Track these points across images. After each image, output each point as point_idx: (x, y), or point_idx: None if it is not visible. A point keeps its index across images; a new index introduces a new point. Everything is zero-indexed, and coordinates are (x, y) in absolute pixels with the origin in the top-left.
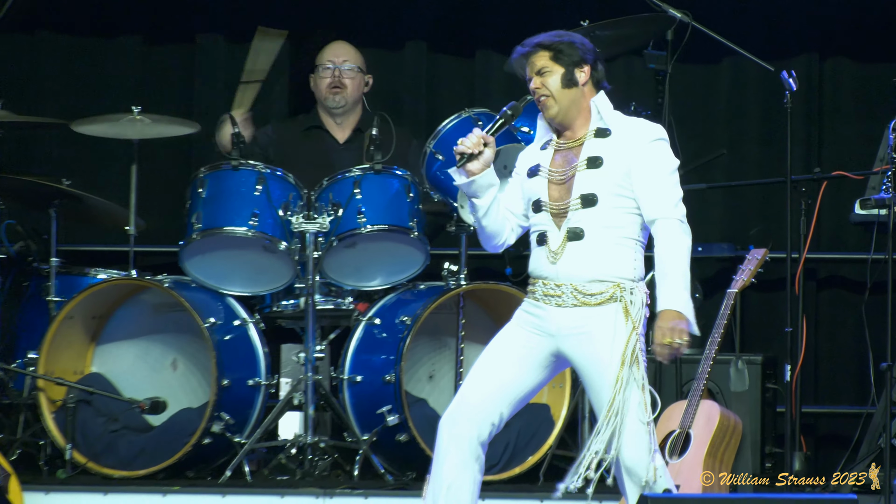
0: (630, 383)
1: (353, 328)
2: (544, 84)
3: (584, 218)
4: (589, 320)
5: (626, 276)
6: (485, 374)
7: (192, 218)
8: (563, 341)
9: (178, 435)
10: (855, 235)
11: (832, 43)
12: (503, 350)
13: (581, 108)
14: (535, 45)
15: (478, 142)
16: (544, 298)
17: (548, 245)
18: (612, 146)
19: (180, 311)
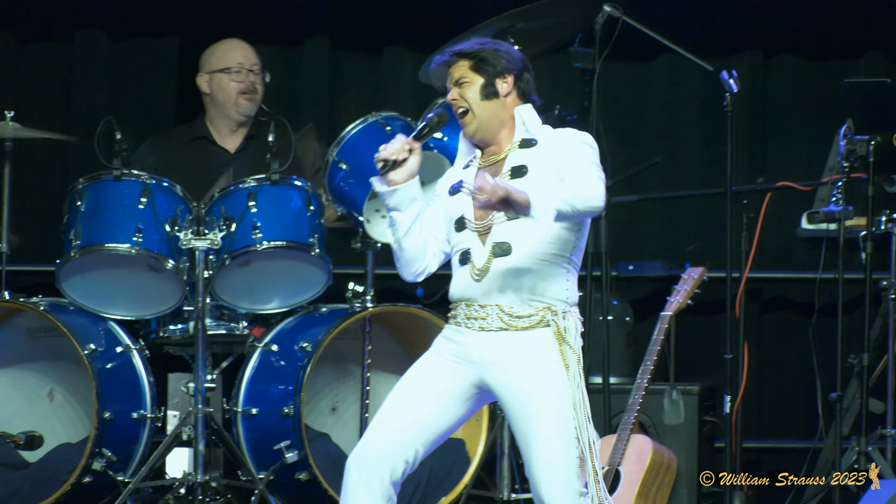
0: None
1: (248, 355)
2: (462, 95)
3: (510, 231)
4: (516, 347)
5: (559, 298)
6: (399, 407)
7: (69, 234)
8: (487, 371)
9: (56, 473)
10: (802, 252)
11: (777, 39)
12: (420, 381)
13: (503, 121)
14: (454, 53)
15: (402, 147)
16: (467, 322)
17: (472, 262)
18: (538, 155)
19: (57, 337)
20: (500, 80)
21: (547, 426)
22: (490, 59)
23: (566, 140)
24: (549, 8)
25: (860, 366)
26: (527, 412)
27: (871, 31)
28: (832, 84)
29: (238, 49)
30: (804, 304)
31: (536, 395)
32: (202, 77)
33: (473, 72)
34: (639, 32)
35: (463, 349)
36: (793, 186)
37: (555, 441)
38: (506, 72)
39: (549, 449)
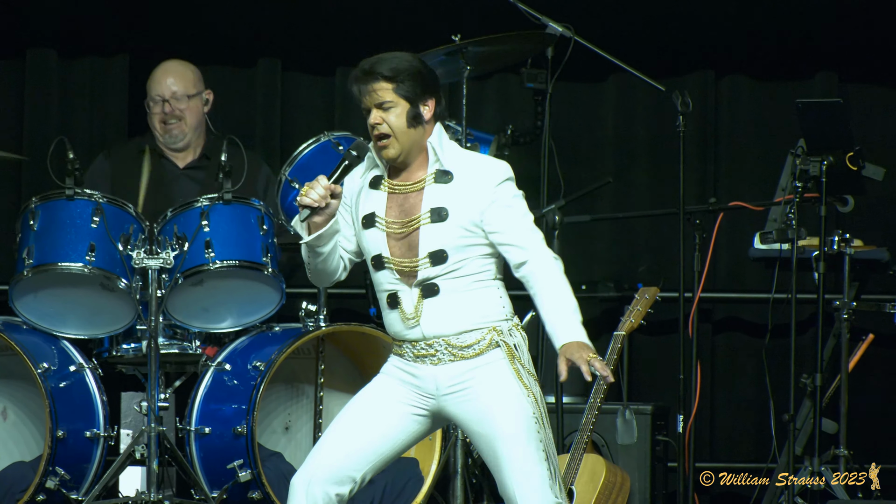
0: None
1: (201, 375)
2: (385, 120)
3: (435, 273)
4: (471, 374)
5: (499, 318)
6: (350, 428)
7: (22, 253)
8: (445, 401)
9: (10, 491)
10: (754, 272)
11: (729, 60)
12: (373, 403)
13: (421, 148)
14: (377, 72)
15: (325, 194)
16: (416, 360)
17: (401, 308)
18: (456, 193)
19: (10, 356)
20: (422, 104)
21: (515, 445)
22: (414, 81)
23: (486, 180)
24: (504, 38)
25: (813, 386)
26: (493, 434)
27: (822, 51)
28: (784, 104)
29: (160, 78)
30: (757, 325)
31: (499, 417)
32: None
33: (397, 95)
34: (591, 53)
35: (418, 381)
36: (745, 206)
37: (525, 458)
38: (428, 95)
39: (522, 467)
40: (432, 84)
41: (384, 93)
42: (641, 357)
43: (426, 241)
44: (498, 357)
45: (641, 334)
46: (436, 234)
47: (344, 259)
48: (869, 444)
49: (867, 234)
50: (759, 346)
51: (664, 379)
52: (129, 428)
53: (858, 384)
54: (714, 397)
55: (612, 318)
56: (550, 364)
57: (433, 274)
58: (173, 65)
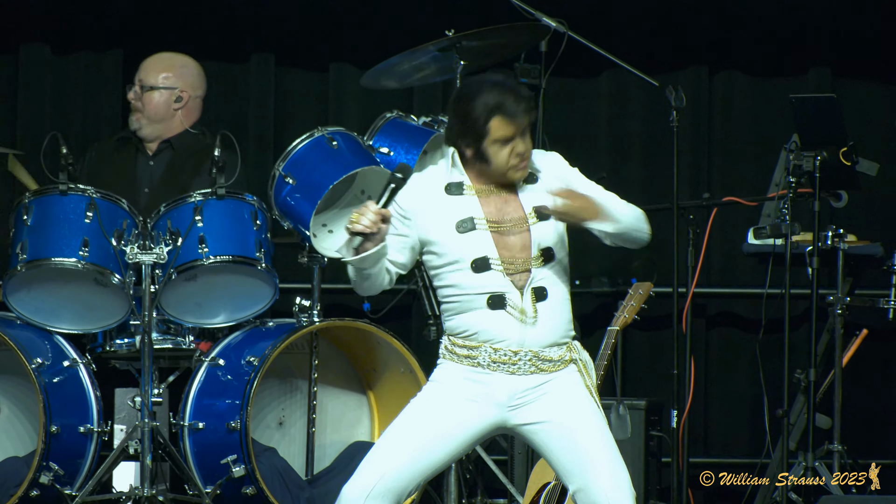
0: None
1: (195, 370)
2: (527, 147)
3: (545, 274)
4: (548, 386)
5: (573, 334)
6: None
7: (16, 248)
8: (515, 412)
9: (3, 486)
10: (748, 268)
11: (723, 55)
12: (431, 418)
13: None
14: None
15: (376, 219)
16: (492, 365)
17: (515, 307)
18: (544, 192)
19: (4, 351)
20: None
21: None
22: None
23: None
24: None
25: (806, 381)
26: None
27: (816, 47)
28: (778, 100)
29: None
30: (750, 320)
31: (584, 419)
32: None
33: (530, 122)
34: (584, 48)
35: (487, 389)
36: (739, 202)
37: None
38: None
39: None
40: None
41: (527, 119)
42: (635, 352)
43: (538, 239)
44: (573, 371)
45: (635, 329)
46: (544, 232)
47: (391, 272)
48: (863, 440)
49: (861, 229)
50: (752, 342)
51: (658, 374)
52: (122, 423)
53: (852, 379)
54: (708, 392)
55: (605, 314)
56: None
57: (544, 274)
58: (159, 55)
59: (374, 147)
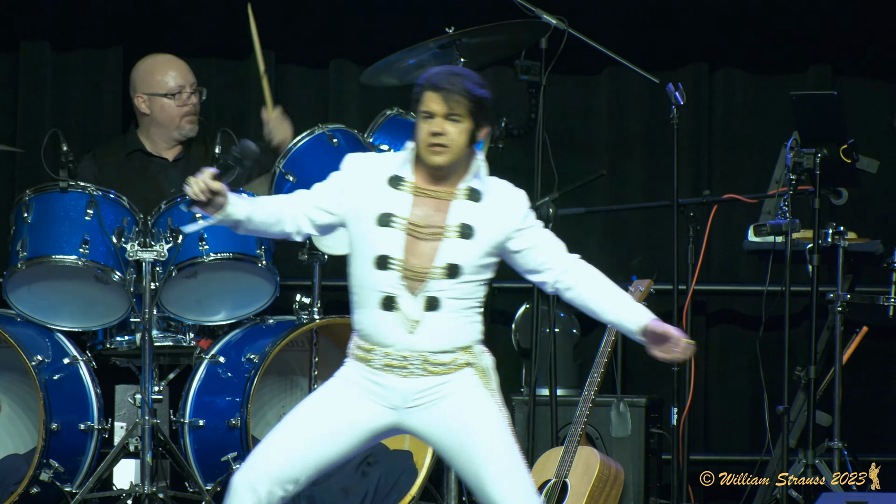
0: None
1: (195, 367)
2: (448, 133)
3: (443, 287)
4: (441, 389)
5: (474, 340)
6: (298, 431)
7: (16, 245)
8: (409, 414)
9: (3, 483)
10: (748, 265)
11: (723, 52)
12: (324, 410)
13: (462, 164)
14: (462, 88)
15: (204, 188)
16: (385, 368)
17: (401, 312)
18: (484, 215)
19: (4, 348)
20: (480, 130)
21: (497, 453)
22: (485, 107)
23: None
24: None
25: (807, 378)
26: (472, 444)
27: (816, 44)
28: (778, 97)
29: (177, 70)
30: (750, 317)
31: (477, 427)
32: (140, 98)
33: (468, 113)
34: (584, 45)
35: (382, 391)
36: (739, 199)
37: (509, 465)
38: (486, 123)
39: (507, 474)
40: (491, 114)
41: (460, 106)
42: (635, 350)
43: (446, 254)
44: (469, 374)
45: None
46: (457, 249)
47: (299, 221)
48: (862, 437)
49: (861, 226)
50: (752, 339)
51: (658, 372)
52: (123, 420)
53: (852, 377)
54: (708, 390)
55: None
56: (543, 358)
57: (442, 287)
58: (176, 60)
59: (375, 144)
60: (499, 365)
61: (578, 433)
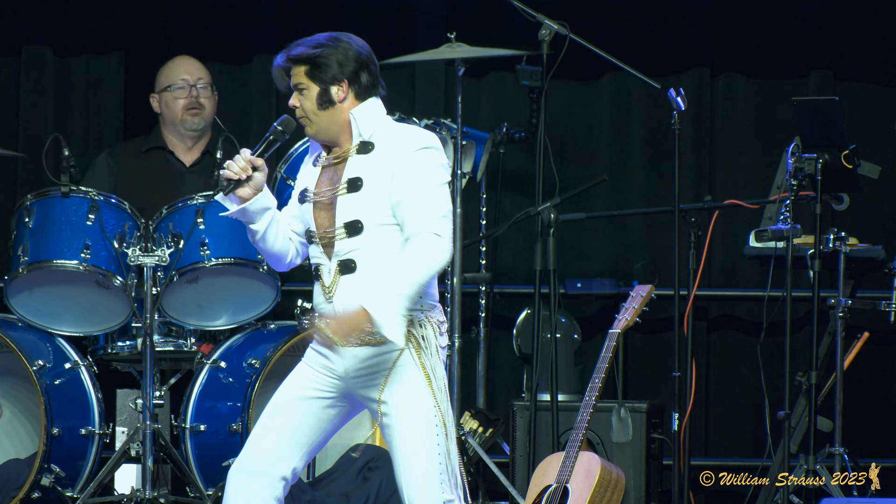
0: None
1: (196, 372)
2: (301, 104)
3: (352, 247)
4: (377, 361)
5: (414, 308)
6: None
7: (17, 250)
8: (352, 384)
9: (5, 488)
10: (749, 270)
11: (724, 57)
12: (291, 394)
13: (342, 126)
14: (290, 58)
15: (245, 166)
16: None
17: (322, 280)
18: (374, 163)
19: (5, 353)
20: (334, 87)
21: (409, 436)
22: (326, 64)
23: (402, 146)
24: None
25: (808, 384)
26: (390, 423)
27: (817, 49)
28: (779, 102)
29: (183, 65)
30: (751, 322)
31: (398, 407)
32: (153, 98)
33: (309, 78)
34: (586, 50)
35: (329, 362)
36: (740, 204)
37: (418, 451)
38: (340, 77)
39: (412, 458)
40: (344, 65)
41: (298, 76)
42: (637, 355)
43: (342, 212)
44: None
45: (636, 332)
46: (351, 204)
47: (294, 242)
48: (864, 442)
49: (862, 231)
50: (753, 344)
51: (659, 377)
52: (124, 425)
53: (853, 382)
54: (709, 395)
55: (607, 316)
56: (544, 363)
57: (350, 247)
58: (186, 57)
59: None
60: (500, 370)
61: (579, 438)
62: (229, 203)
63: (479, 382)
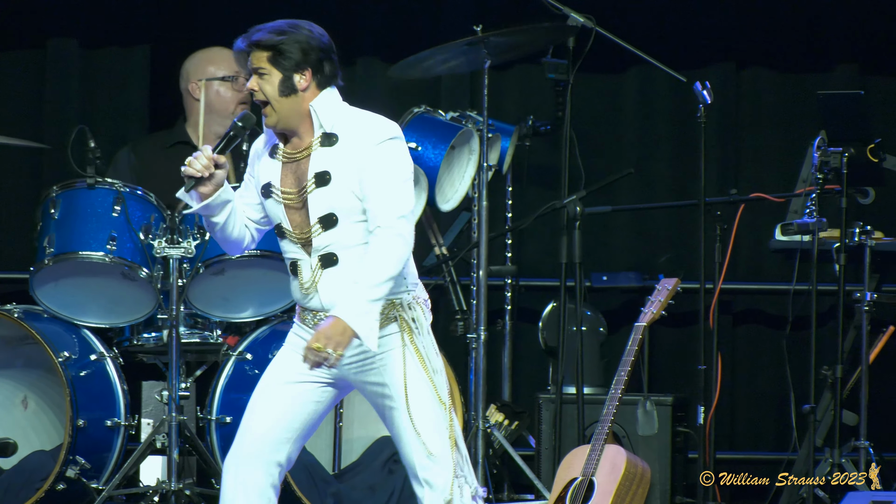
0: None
1: (222, 364)
2: (261, 88)
3: (330, 240)
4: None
5: (398, 289)
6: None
7: (43, 241)
8: (345, 371)
9: (30, 480)
10: (775, 264)
11: (751, 51)
12: (279, 379)
13: (303, 115)
14: (252, 42)
15: (207, 164)
16: (315, 328)
17: (300, 277)
18: (339, 155)
19: (31, 344)
20: (297, 74)
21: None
22: (289, 50)
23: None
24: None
25: (833, 377)
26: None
27: (843, 43)
28: (805, 96)
29: (232, 59)
30: (777, 316)
31: (398, 389)
32: (194, 84)
33: (271, 64)
34: (612, 44)
35: None
36: (766, 198)
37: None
38: (303, 65)
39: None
40: (307, 53)
41: (259, 60)
42: (662, 348)
43: (315, 207)
44: (394, 331)
45: (662, 325)
46: (323, 199)
47: (250, 228)
48: (889, 436)
49: (888, 225)
50: (779, 338)
51: (685, 370)
52: (149, 417)
53: (879, 376)
54: (734, 389)
55: (632, 309)
56: (570, 357)
57: (328, 241)
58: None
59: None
60: (525, 363)
61: (605, 431)
62: (190, 200)
63: (504, 375)
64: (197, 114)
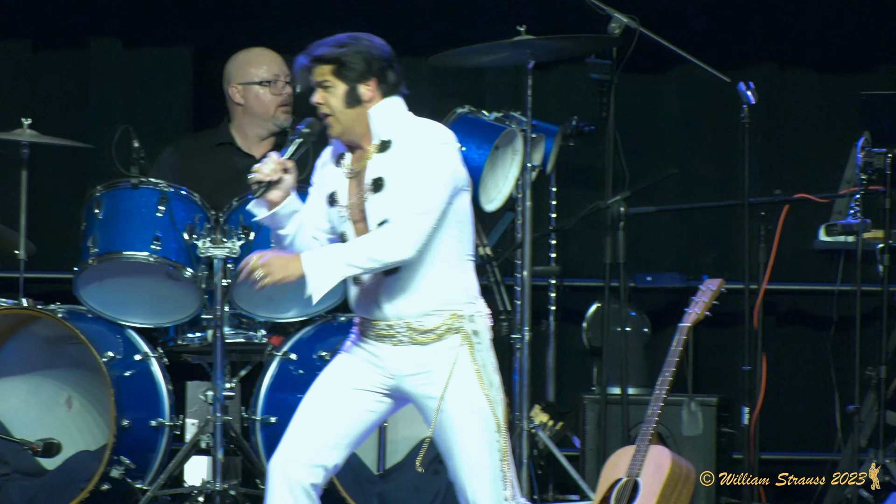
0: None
1: (267, 364)
2: (326, 101)
3: None
4: (429, 359)
5: (461, 301)
6: (317, 412)
7: (87, 241)
8: (404, 381)
9: (74, 480)
10: (819, 265)
11: (793, 51)
12: (337, 385)
13: (367, 125)
14: (315, 57)
15: (276, 168)
16: (378, 339)
17: (362, 284)
18: (393, 160)
19: (75, 344)
20: (362, 85)
21: (467, 435)
22: (352, 62)
23: (419, 143)
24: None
25: (877, 378)
26: (446, 422)
27: (886, 43)
28: (848, 96)
29: (274, 61)
30: (821, 317)
31: (454, 406)
32: (234, 88)
33: (335, 77)
34: (655, 44)
35: (379, 361)
36: (810, 199)
37: (478, 450)
38: (368, 76)
39: (473, 458)
40: (371, 63)
41: (323, 73)
42: (706, 349)
43: (372, 214)
44: (455, 344)
45: (706, 326)
46: (379, 205)
47: (319, 240)
48: None
49: None
50: (823, 338)
51: (729, 371)
52: (194, 417)
53: None
54: (778, 389)
55: (676, 310)
56: (614, 357)
57: None
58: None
59: None
60: (569, 363)
61: (650, 432)
62: (259, 209)
63: (548, 376)
64: (239, 116)
